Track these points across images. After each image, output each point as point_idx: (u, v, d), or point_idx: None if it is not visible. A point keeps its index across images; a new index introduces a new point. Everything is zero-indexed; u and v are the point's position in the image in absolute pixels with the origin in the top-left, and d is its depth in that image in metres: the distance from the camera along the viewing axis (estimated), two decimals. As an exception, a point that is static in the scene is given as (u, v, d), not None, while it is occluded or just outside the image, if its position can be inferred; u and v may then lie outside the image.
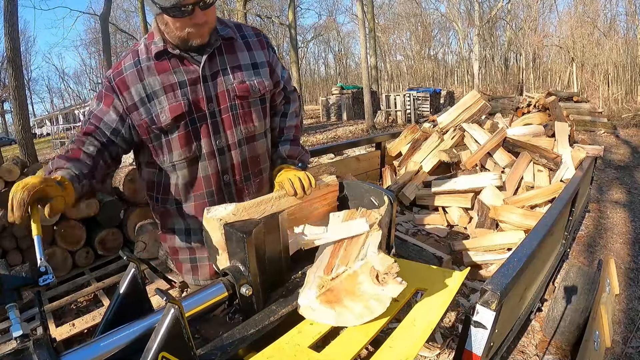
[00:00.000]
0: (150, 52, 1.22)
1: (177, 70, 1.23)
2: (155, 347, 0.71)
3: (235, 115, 1.29)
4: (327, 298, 0.95)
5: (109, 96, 1.22)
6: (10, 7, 8.14)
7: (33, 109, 44.34)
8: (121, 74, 1.22)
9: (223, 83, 1.26)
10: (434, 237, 3.21)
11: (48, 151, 17.36)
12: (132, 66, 1.23)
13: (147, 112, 1.22)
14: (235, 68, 1.28)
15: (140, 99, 1.22)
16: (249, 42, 1.33)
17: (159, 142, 1.26)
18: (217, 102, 1.26)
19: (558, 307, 2.07)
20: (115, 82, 1.22)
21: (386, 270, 0.90)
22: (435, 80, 27.89)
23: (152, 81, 1.22)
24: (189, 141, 1.25)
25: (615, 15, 19.44)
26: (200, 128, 1.26)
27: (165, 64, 1.22)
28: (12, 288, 0.79)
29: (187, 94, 1.22)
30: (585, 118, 9.82)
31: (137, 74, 1.22)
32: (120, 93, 1.22)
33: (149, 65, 1.22)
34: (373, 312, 0.91)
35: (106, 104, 1.22)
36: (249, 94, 1.30)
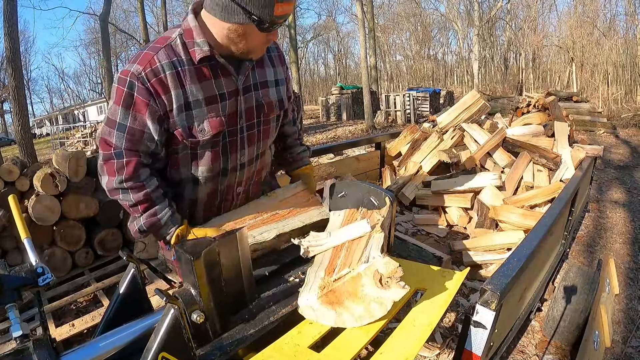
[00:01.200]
0: (193, 55, 1.09)
1: (217, 81, 1.13)
2: (155, 347, 0.71)
3: (257, 133, 1.27)
4: (329, 299, 0.95)
5: (143, 102, 1.06)
6: (10, 7, 8.13)
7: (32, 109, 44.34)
8: (158, 74, 1.06)
9: (252, 98, 1.21)
10: (433, 237, 3.21)
11: (48, 151, 17.34)
12: (170, 66, 1.07)
13: (183, 122, 1.11)
14: (263, 84, 1.25)
15: (179, 105, 1.09)
16: (272, 57, 1.30)
17: (185, 153, 1.19)
18: (245, 118, 1.21)
19: (558, 307, 2.07)
20: (151, 83, 1.06)
21: (390, 274, 0.90)
22: (435, 80, 27.88)
23: (194, 89, 1.10)
24: (218, 157, 1.21)
25: (615, 15, 19.43)
26: (230, 144, 1.21)
27: (206, 71, 1.11)
28: (12, 288, 0.79)
29: (226, 108, 1.15)
30: (584, 118, 9.83)
31: (177, 77, 1.08)
32: (158, 95, 1.07)
33: (190, 69, 1.09)
34: (373, 315, 0.91)
35: (142, 112, 1.07)
36: (272, 112, 1.29)
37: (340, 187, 1.45)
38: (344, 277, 0.94)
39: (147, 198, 1.13)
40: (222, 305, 0.92)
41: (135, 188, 1.11)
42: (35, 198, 3.03)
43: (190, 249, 0.87)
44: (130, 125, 1.08)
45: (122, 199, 1.14)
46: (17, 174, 3.19)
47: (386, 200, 1.27)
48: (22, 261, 3.12)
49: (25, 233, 0.96)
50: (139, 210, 1.15)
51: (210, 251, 0.88)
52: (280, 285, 1.11)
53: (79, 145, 17.07)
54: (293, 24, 18.28)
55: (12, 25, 8.16)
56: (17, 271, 0.83)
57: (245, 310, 0.99)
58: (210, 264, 0.89)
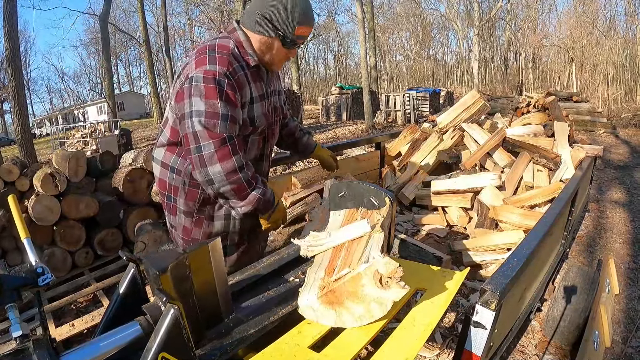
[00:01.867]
0: (248, 61, 1.37)
1: (260, 84, 1.43)
2: (155, 347, 0.71)
3: (273, 131, 1.59)
4: (329, 299, 0.95)
5: (233, 95, 1.30)
6: (10, 7, 8.13)
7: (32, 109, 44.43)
8: (236, 74, 1.32)
9: (272, 101, 1.53)
10: (433, 237, 3.21)
11: (47, 151, 17.33)
12: (240, 69, 1.34)
13: (250, 112, 1.39)
14: (276, 92, 1.58)
15: (249, 98, 1.38)
16: (277, 73, 1.62)
17: (242, 137, 1.40)
18: (271, 116, 1.53)
19: (558, 307, 2.08)
20: (235, 80, 1.31)
21: (390, 274, 0.90)
22: (435, 80, 27.90)
23: (253, 88, 1.39)
24: (261, 143, 1.53)
25: (615, 15, 19.47)
26: (268, 133, 1.54)
27: (255, 75, 1.40)
28: (11, 288, 0.79)
29: (266, 104, 1.47)
30: (584, 118, 9.83)
31: (245, 78, 1.35)
32: (240, 89, 1.33)
33: (248, 72, 1.37)
34: (373, 315, 0.91)
35: (235, 103, 1.32)
36: (281, 114, 1.67)
37: (340, 187, 1.45)
38: (344, 277, 0.94)
39: (254, 175, 1.37)
40: (194, 320, 0.88)
41: (247, 164, 1.34)
42: (35, 198, 3.03)
43: (157, 262, 0.82)
44: (231, 114, 1.29)
45: (243, 178, 1.31)
46: (17, 174, 3.19)
47: (386, 200, 1.27)
48: (22, 261, 3.12)
49: (25, 233, 0.96)
50: (253, 185, 1.36)
51: (179, 264, 0.84)
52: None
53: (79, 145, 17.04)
54: (293, 24, 18.25)
55: (12, 25, 8.16)
56: (16, 271, 0.83)
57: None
58: (180, 278, 0.84)
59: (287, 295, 1.06)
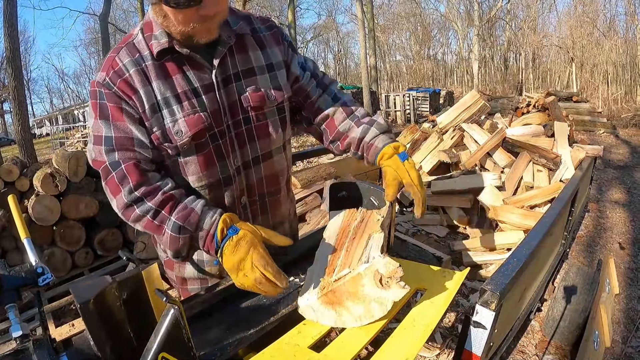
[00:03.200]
0: (151, 48, 0.95)
1: (187, 75, 0.98)
2: (155, 347, 0.71)
3: (247, 131, 1.07)
4: (329, 299, 0.95)
5: (116, 108, 0.95)
6: (10, 7, 8.13)
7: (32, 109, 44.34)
8: (122, 75, 0.95)
9: (234, 91, 1.03)
10: (433, 237, 3.21)
11: (47, 151, 17.34)
12: (133, 64, 0.95)
13: (159, 124, 0.97)
14: (248, 72, 1.05)
15: (150, 105, 0.96)
16: (261, 39, 1.09)
17: (171, 160, 1.03)
18: (229, 115, 1.04)
19: (558, 307, 2.08)
20: (117, 87, 0.94)
21: (390, 274, 0.89)
22: (435, 80, 27.87)
23: (161, 85, 0.96)
24: (212, 163, 1.03)
25: (615, 15, 19.44)
26: (223, 146, 1.04)
27: (172, 65, 0.97)
28: (11, 288, 0.79)
29: (205, 103, 0.99)
30: (584, 118, 9.83)
31: (142, 74, 0.96)
32: (128, 97, 0.95)
33: (154, 64, 0.96)
34: (373, 315, 0.91)
35: (120, 119, 0.95)
36: (265, 104, 1.07)
37: (341, 187, 1.45)
38: (344, 278, 0.94)
39: (168, 197, 0.94)
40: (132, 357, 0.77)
41: (150, 192, 0.93)
42: (35, 198, 3.03)
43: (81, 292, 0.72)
44: (115, 135, 0.95)
45: (140, 212, 0.93)
46: (17, 174, 3.19)
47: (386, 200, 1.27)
48: (22, 261, 3.12)
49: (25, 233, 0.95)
50: (165, 216, 0.93)
51: (107, 294, 0.73)
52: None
53: (79, 145, 17.07)
54: (293, 23, 18.27)
55: (12, 25, 8.16)
56: (17, 271, 0.83)
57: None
58: (109, 309, 0.74)
59: (287, 295, 1.06)
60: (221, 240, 0.89)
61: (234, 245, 0.87)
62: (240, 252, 0.87)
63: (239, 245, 0.87)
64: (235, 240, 0.87)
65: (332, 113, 1.19)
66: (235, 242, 0.87)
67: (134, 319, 0.78)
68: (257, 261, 0.86)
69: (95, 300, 0.71)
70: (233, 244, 0.87)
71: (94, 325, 0.72)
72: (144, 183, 0.94)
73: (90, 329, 0.72)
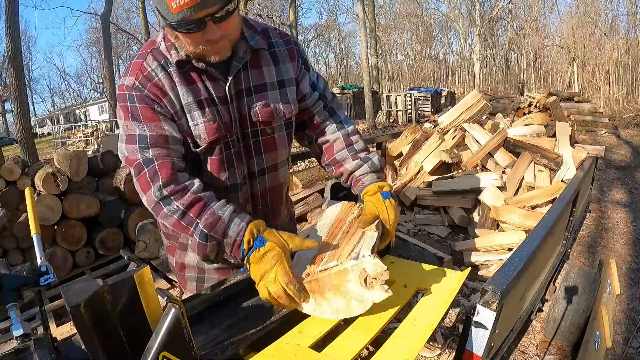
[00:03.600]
0: (172, 57, 1.00)
1: (205, 84, 1.03)
2: (155, 346, 0.71)
3: (256, 143, 1.12)
4: (311, 287, 0.95)
5: (148, 109, 0.99)
6: (12, 7, 8.15)
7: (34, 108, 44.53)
8: (152, 79, 1.00)
9: (245, 106, 1.07)
10: (434, 237, 3.21)
11: (49, 151, 17.37)
12: (160, 68, 1.00)
13: (184, 125, 1.03)
14: (259, 87, 1.09)
15: (175, 111, 1.02)
16: (276, 54, 1.12)
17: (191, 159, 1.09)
18: (240, 127, 1.09)
19: (559, 308, 2.07)
20: (147, 90, 0.99)
21: (376, 275, 0.89)
22: (436, 80, 27.86)
23: (185, 91, 1.01)
24: (222, 169, 1.09)
25: (617, 16, 19.44)
26: (234, 154, 1.09)
27: (193, 75, 1.02)
28: (12, 288, 0.79)
29: (221, 113, 1.04)
30: (586, 118, 9.81)
31: (169, 79, 1.01)
32: (159, 99, 1.00)
33: (176, 71, 1.01)
34: (352, 311, 0.92)
35: (154, 119, 0.99)
36: (273, 119, 1.11)
37: (342, 187, 1.45)
38: (331, 270, 0.94)
39: (196, 198, 0.97)
40: None
41: (178, 191, 0.97)
42: (36, 197, 3.04)
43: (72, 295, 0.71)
44: (150, 134, 0.98)
45: (167, 212, 0.97)
46: (18, 173, 3.20)
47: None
48: (23, 260, 3.13)
49: (36, 229, 0.95)
50: (193, 219, 0.96)
51: (97, 298, 0.73)
52: None
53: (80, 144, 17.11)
54: (294, 23, 18.28)
55: (13, 25, 8.19)
56: (18, 271, 0.83)
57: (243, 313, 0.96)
58: (100, 314, 0.74)
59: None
60: (247, 251, 0.92)
61: (260, 257, 0.90)
62: (266, 265, 0.89)
63: (265, 258, 0.90)
64: (262, 253, 0.90)
65: (333, 140, 1.24)
66: (261, 254, 0.90)
67: (126, 323, 0.78)
68: (280, 277, 0.88)
69: (86, 303, 0.70)
70: (259, 256, 0.90)
71: (85, 329, 0.72)
72: (172, 182, 0.97)
73: (81, 333, 0.71)
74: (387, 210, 1.10)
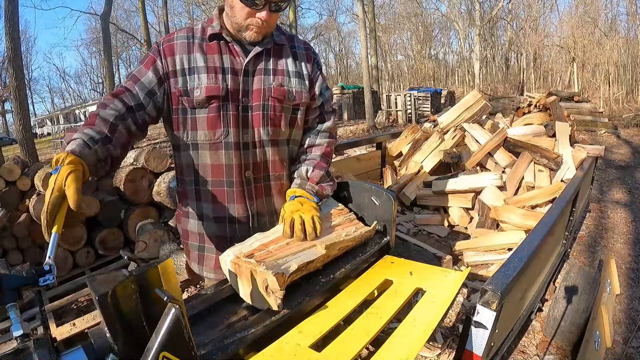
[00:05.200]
0: (206, 33, 1.25)
1: (224, 57, 1.25)
2: (156, 346, 0.71)
3: (265, 115, 1.28)
4: (235, 267, 1.03)
5: (152, 58, 1.24)
6: (11, 7, 8.15)
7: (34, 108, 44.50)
8: (171, 41, 1.25)
9: (262, 81, 1.27)
10: (434, 237, 3.21)
11: (49, 151, 17.36)
12: (184, 37, 1.25)
13: (184, 83, 1.23)
14: (278, 71, 1.30)
15: (181, 68, 1.23)
16: (297, 53, 1.35)
17: (184, 116, 1.26)
18: (252, 98, 1.27)
19: (559, 307, 2.07)
20: (163, 47, 1.24)
21: (274, 289, 0.95)
22: (436, 80, 27.87)
23: (198, 57, 1.23)
24: (217, 125, 1.25)
25: (616, 15, 19.45)
26: (231, 116, 1.25)
27: (215, 47, 1.24)
28: (12, 288, 0.79)
29: (227, 80, 1.23)
30: (586, 118, 9.82)
31: (186, 46, 1.24)
32: (165, 57, 1.23)
33: (201, 43, 1.24)
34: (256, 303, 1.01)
35: (147, 66, 1.24)
36: (284, 99, 1.29)
37: (342, 186, 1.45)
38: (250, 263, 0.99)
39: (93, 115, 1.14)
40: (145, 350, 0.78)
41: (100, 105, 1.17)
42: (36, 197, 3.04)
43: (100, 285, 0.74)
44: (135, 72, 1.24)
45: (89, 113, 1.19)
46: (18, 173, 3.20)
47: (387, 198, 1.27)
48: (23, 261, 3.13)
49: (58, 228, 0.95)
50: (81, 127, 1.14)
51: (125, 287, 0.77)
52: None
53: (80, 144, 17.04)
54: (294, 23, 18.28)
55: (13, 25, 8.18)
56: (17, 271, 0.83)
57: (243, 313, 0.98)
58: (125, 303, 0.77)
59: (288, 294, 1.06)
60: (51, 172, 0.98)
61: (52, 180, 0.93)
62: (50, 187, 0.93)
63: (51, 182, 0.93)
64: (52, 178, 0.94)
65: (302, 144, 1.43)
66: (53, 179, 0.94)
67: (149, 313, 0.80)
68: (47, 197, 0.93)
69: (113, 292, 0.74)
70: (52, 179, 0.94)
71: (110, 317, 0.75)
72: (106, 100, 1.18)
73: (107, 321, 0.74)
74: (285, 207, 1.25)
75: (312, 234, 1.14)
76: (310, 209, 1.21)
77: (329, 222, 1.26)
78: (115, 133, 1.12)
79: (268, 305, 0.97)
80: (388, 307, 1.01)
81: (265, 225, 1.33)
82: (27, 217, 3.09)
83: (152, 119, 1.26)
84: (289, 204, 1.25)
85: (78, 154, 0.99)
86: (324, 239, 1.15)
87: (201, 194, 1.32)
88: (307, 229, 1.15)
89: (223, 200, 1.31)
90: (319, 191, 1.32)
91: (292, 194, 1.29)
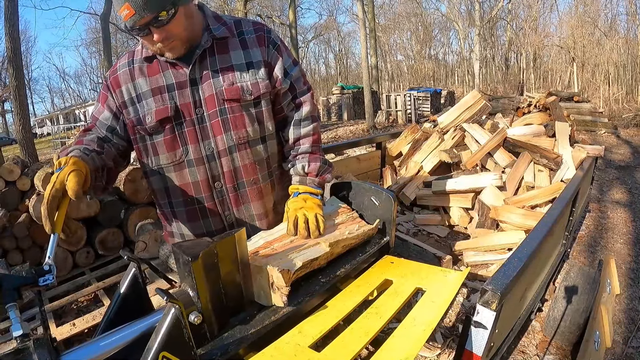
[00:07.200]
0: (143, 54, 1.24)
1: (166, 73, 1.21)
2: (155, 346, 0.71)
3: (224, 120, 1.22)
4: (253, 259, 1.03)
5: (104, 95, 1.28)
6: (11, 7, 8.15)
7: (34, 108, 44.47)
8: (115, 73, 1.27)
9: (212, 86, 1.20)
10: (434, 237, 3.21)
11: (49, 151, 17.37)
12: (125, 65, 1.26)
13: (135, 112, 1.24)
14: (226, 69, 1.22)
15: (129, 98, 1.24)
16: (245, 40, 1.25)
17: (144, 143, 1.28)
18: (206, 107, 1.21)
19: (558, 307, 2.07)
20: (109, 81, 1.27)
21: (279, 286, 0.95)
22: (436, 80, 27.88)
23: (142, 82, 1.23)
24: (175, 146, 1.24)
25: (616, 15, 19.47)
26: (188, 133, 1.22)
27: (155, 67, 1.23)
28: (12, 288, 0.79)
29: (175, 97, 1.20)
30: (585, 118, 9.82)
31: (128, 74, 1.25)
32: (113, 90, 1.26)
33: (141, 66, 1.24)
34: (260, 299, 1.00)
35: (102, 103, 1.28)
36: (240, 97, 1.22)
37: (342, 186, 1.45)
38: (256, 259, 1.00)
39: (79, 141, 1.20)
40: (220, 307, 0.91)
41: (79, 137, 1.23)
42: (36, 197, 3.04)
43: (189, 250, 0.84)
44: (94, 112, 1.30)
45: None
46: (18, 173, 3.20)
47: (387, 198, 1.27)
48: (23, 261, 3.13)
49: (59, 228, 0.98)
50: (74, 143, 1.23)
51: (209, 252, 0.86)
52: None
53: (80, 145, 17.05)
54: (294, 23, 18.27)
55: (13, 25, 8.18)
56: (17, 271, 0.83)
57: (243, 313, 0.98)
58: (209, 266, 0.87)
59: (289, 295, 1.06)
60: None
61: None
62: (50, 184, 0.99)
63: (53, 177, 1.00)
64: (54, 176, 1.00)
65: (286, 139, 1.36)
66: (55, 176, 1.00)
67: (224, 276, 0.91)
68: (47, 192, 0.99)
69: (203, 255, 0.84)
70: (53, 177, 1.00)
71: (200, 277, 0.85)
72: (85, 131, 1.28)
73: (197, 282, 0.84)
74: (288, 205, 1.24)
75: (316, 232, 1.14)
76: (313, 206, 1.20)
77: (333, 220, 1.26)
78: (103, 148, 1.21)
79: (273, 302, 0.98)
80: (388, 307, 1.01)
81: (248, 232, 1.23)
82: (27, 217, 3.09)
83: (125, 148, 1.32)
84: (292, 201, 1.24)
85: (79, 158, 1.05)
86: (328, 237, 1.15)
87: (177, 215, 1.34)
88: (310, 227, 1.14)
89: (198, 217, 1.31)
90: (320, 182, 1.31)
91: (294, 190, 1.28)
